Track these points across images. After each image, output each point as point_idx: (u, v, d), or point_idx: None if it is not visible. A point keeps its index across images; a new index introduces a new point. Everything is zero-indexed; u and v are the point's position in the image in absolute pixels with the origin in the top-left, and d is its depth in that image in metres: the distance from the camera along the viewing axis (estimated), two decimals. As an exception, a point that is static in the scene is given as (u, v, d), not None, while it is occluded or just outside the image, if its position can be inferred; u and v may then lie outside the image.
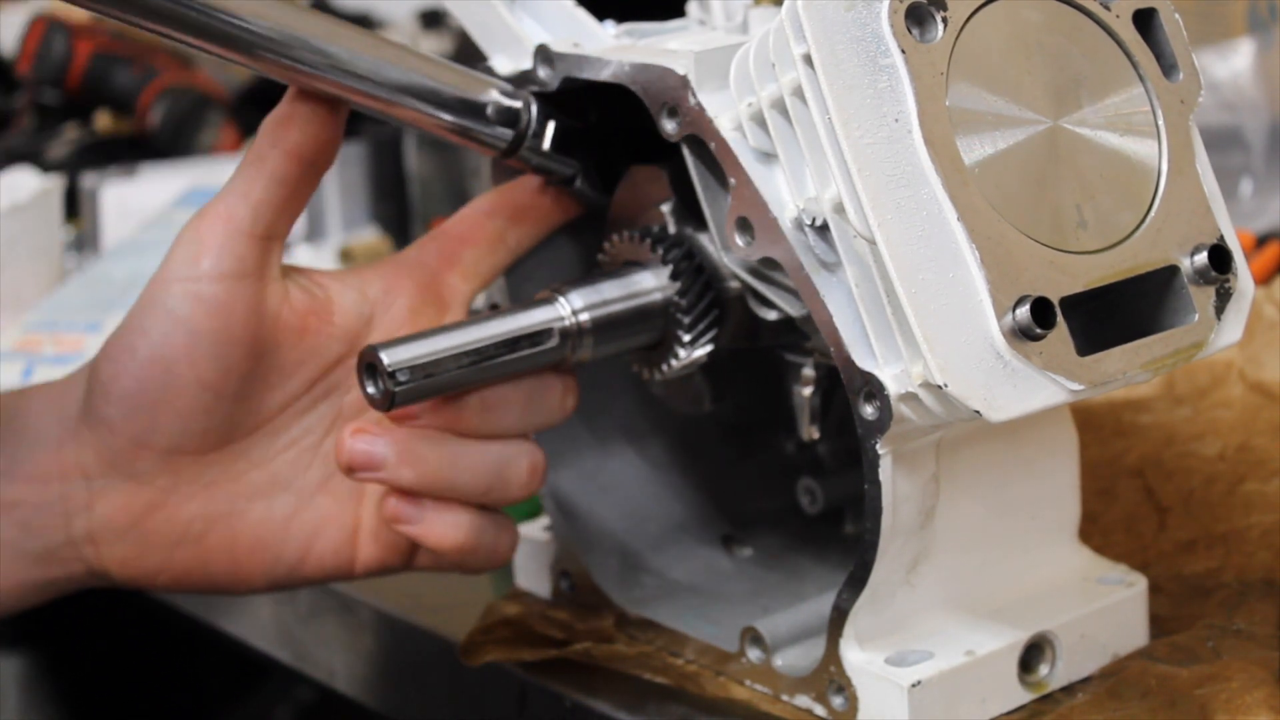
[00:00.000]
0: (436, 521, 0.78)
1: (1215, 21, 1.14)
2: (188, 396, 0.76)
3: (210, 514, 0.78)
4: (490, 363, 0.76)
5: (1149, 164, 0.71)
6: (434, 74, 0.78)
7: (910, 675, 0.74)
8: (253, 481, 0.78)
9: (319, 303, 0.78)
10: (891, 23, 0.68)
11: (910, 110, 0.67)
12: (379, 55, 0.77)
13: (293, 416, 0.79)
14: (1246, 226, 1.14)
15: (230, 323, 0.75)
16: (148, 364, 0.75)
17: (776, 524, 0.91)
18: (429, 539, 0.78)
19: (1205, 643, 0.79)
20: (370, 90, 0.76)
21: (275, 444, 0.79)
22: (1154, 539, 0.88)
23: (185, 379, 0.75)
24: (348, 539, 0.80)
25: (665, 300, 0.79)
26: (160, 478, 0.77)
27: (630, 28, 0.83)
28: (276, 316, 0.76)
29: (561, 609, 0.87)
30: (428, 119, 0.78)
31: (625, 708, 0.79)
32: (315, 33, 0.75)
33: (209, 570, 0.79)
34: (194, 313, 0.75)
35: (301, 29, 0.74)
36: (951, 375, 0.67)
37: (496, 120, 0.80)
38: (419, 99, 0.78)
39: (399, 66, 0.77)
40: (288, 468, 0.79)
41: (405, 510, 0.78)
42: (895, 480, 0.73)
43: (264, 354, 0.76)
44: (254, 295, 0.75)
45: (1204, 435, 0.93)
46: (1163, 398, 0.96)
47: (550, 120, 0.81)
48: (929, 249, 0.67)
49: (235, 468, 0.78)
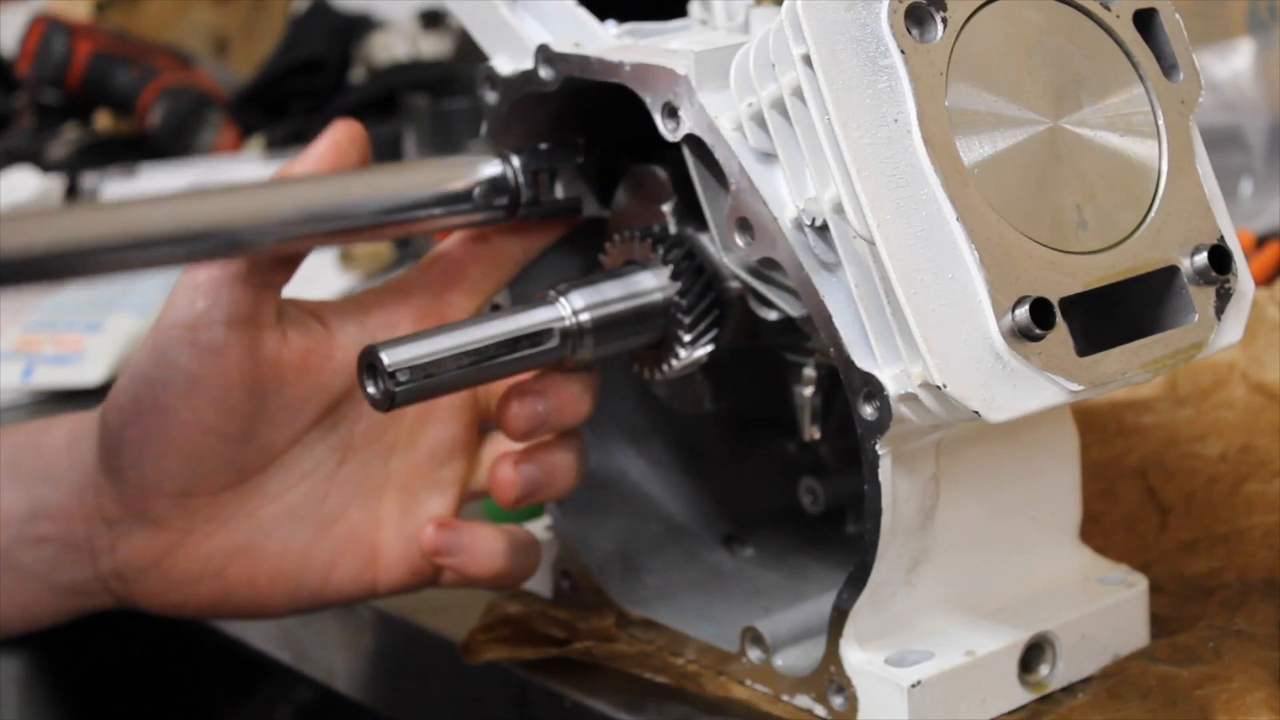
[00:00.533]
0: (475, 552, 0.80)
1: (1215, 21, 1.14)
2: (192, 441, 0.76)
3: (229, 549, 0.79)
4: (490, 363, 0.76)
5: (1149, 164, 0.71)
6: (408, 186, 0.78)
7: (910, 675, 0.74)
8: (269, 515, 0.79)
9: (318, 340, 0.78)
10: (891, 23, 0.68)
11: (910, 110, 0.67)
12: (349, 195, 0.76)
13: (303, 450, 0.79)
14: (1246, 226, 1.14)
15: (227, 368, 0.76)
16: (150, 413, 0.76)
17: (778, 524, 0.91)
18: (469, 569, 0.80)
19: (1206, 643, 0.79)
20: (353, 227, 0.77)
21: (289, 478, 0.79)
22: (1155, 539, 0.88)
23: (187, 425, 0.76)
24: (368, 565, 0.81)
25: (666, 300, 0.79)
26: (177, 520, 0.78)
27: (632, 27, 0.83)
28: (276, 359, 0.77)
29: (562, 608, 0.87)
30: (420, 226, 0.79)
31: (625, 708, 0.79)
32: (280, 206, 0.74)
33: (232, 601, 0.80)
34: (191, 360, 0.75)
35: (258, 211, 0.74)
36: (951, 376, 0.67)
37: (486, 196, 0.80)
38: (403, 216, 0.78)
39: (371, 198, 0.77)
40: (303, 500, 0.79)
41: (445, 542, 0.80)
42: (895, 480, 0.73)
43: (266, 395, 0.77)
44: (251, 340, 0.76)
45: (1206, 436, 0.93)
46: (1165, 398, 0.96)
47: (536, 172, 0.81)
48: (928, 249, 0.67)
49: (250, 503, 0.79)
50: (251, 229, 0.73)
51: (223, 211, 0.73)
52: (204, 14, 1.97)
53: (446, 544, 0.80)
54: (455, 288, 0.81)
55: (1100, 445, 0.94)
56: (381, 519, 0.81)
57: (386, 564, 0.81)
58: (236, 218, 0.73)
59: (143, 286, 1.29)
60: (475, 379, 0.77)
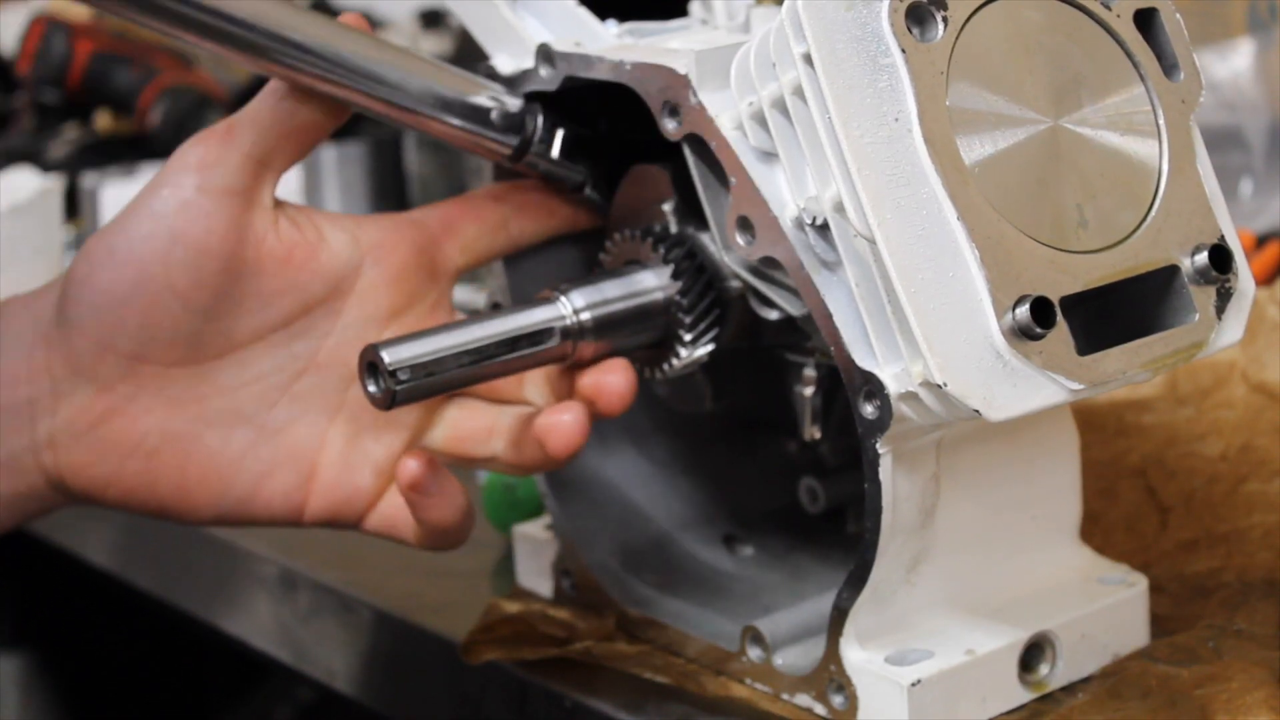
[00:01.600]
0: (443, 499, 0.77)
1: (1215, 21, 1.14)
2: (157, 301, 0.76)
3: (166, 431, 0.78)
4: (491, 361, 0.76)
5: (1150, 164, 0.71)
6: (438, 78, 0.79)
7: (910, 674, 0.74)
8: (214, 407, 0.78)
9: (309, 238, 0.78)
10: (892, 22, 0.68)
11: (910, 110, 0.67)
12: (382, 57, 0.77)
13: (265, 349, 0.78)
14: (1246, 226, 1.15)
15: (210, 234, 0.75)
16: (123, 264, 0.75)
17: (779, 523, 0.91)
18: (425, 514, 0.78)
19: (1206, 643, 0.79)
20: (372, 90, 0.77)
21: (243, 374, 0.78)
22: (1155, 539, 0.88)
23: (158, 282, 0.75)
24: (301, 484, 0.79)
25: (666, 299, 0.79)
26: (122, 384, 0.77)
27: (632, 27, 0.83)
28: (261, 240, 0.77)
29: (563, 608, 0.87)
30: (432, 123, 0.79)
31: (625, 708, 0.79)
32: (318, 35, 0.75)
33: (157, 490, 0.78)
34: (177, 217, 0.75)
35: (304, 31, 0.75)
36: (951, 374, 0.67)
37: (502, 126, 0.80)
38: (422, 102, 0.78)
39: (402, 70, 0.77)
40: (252, 401, 0.78)
41: (426, 480, 0.77)
42: (895, 480, 0.73)
43: (242, 275, 0.76)
44: (240, 213, 0.76)
45: (1206, 435, 0.93)
46: (1165, 398, 0.96)
47: (559, 128, 0.81)
48: (929, 248, 0.67)
49: (199, 389, 0.78)
50: (282, 38, 0.74)
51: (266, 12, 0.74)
52: (204, 14, 1.97)
53: (427, 482, 0.77)
54: (451, 238, 0.81)
55: (1101, 445, 0.94)
56: (326, 442, 0.79)
57: (319, 488, 0.79)
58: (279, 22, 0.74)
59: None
60: (476, 377, 0.77)
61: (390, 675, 0.91)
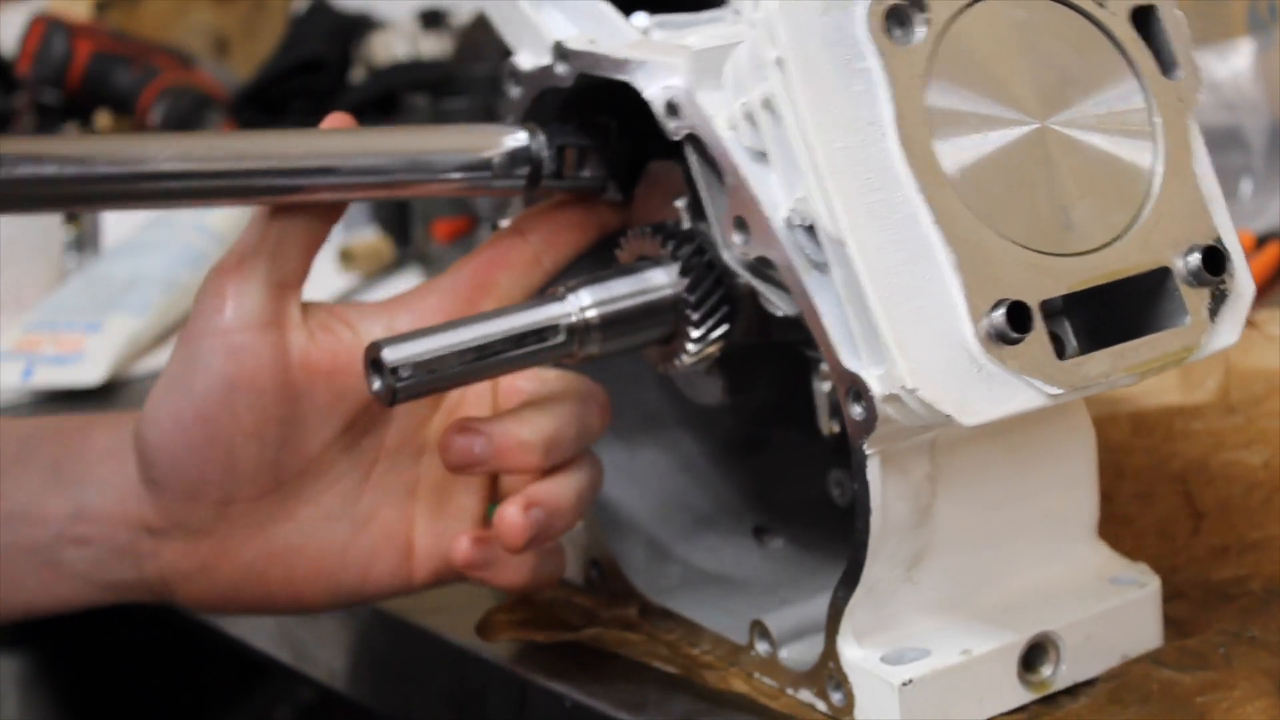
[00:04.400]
0: (504, 564, 0.81)
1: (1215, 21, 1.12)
2: (233, 449, 0.78)
3: (268, 553, 0.81)
4: (495, 358, 0.77)
5: (1141, 164, 0.70)
6: (428, 147, 0.79)
7: (902, 674, 0.74)
8: (307, 517, 0.81)
9: (346, 342, 0.79)
10: (870, 25, 0.67)
11: (886, 114, 0.67)
12: (367, 150, 0.78)
13: (337, 453, 0.80)
14: (1246, 226, 1.13)
15: (260, 370, 0.77)
16: (191, 424, 0.77)
17: (811, 515, 0.91)
18: (498, 581, 0.81)
19: (1217, 649, 0.77)
20: (369, 183, 0.78)
21: (323, 482, 0.81)
22: (1186, 543, 0.86)
23: (227, 430, 0.77)
24: (403, 561, 0.82)
25: (675, 296, 0.80)
26: (218, 527, 0.80)
27: (662, 20, 0.83)
28: (305, 360, 0.78)
29: (588, 596, 0.88)
30: (434, 188, 0.80)
31: (626, 707, 0.79)
32: (298, 153, 0.76)
33: (274, 600, 0.82)
34: (227, 365, 0.77)
35: (282, 155, 0.75)
36: (923, 379, 0.67)
37: (507, 167, 0.80)
38: (418, 174, 0.79)
39: (390, 154, 0.78)
40: (338, 502, 0.81)
41: (478, 557, 0.80)
42: (885, 480, 0.72)
43: (298, 398, 0.78)
44: (279, 342, 0.77)
45: (1252, 444, 0.91)
46: (1216, 405, 0.94)
47: (563, 147, 0.81)
48: (902, 253, 0.67)
49: (287, 507, 0.80)
50: (270, 173, 0.75)
51: (244, 152, 0.75)
52: (204, 14, 1.97)
53: (480, 558, 0.80)
54: (485, 294, 0.82)
55: (1147, 451, 0.92)
56: (414, 517, 0.82)
57: (421, 559, 0.82)
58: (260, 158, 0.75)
59: (143, 287, 1.30)
60: (480, 374, 0.77)
61: (390, 675, 0.92)
